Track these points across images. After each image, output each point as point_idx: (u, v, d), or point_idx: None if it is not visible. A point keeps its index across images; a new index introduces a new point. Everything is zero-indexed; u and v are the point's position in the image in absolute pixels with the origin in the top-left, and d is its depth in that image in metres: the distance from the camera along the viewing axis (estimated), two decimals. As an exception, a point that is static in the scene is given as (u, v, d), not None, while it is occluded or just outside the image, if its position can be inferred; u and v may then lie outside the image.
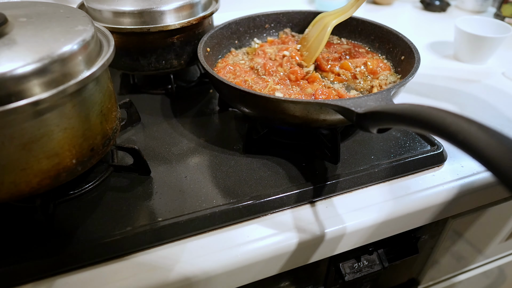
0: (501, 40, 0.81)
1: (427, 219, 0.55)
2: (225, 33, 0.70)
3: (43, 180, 0.39)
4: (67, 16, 0.43)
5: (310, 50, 0.66)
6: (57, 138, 0.38)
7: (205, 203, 0.48)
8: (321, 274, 0.60)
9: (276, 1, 1.14)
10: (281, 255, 0.46)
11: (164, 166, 0.54)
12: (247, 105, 0.52)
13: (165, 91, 0.72)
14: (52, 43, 0.37)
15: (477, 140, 0.26)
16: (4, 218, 0.46)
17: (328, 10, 0.76)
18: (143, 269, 0.42)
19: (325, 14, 0.67)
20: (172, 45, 0.65)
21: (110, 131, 0.46)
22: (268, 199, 0.49)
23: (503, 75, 0.82)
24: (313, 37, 0.66)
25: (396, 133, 0.61)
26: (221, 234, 0.47)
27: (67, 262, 0.42)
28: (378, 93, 0.44)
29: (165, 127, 0.63)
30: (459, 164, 0.58)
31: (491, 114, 0.69)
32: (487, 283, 0.90)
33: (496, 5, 1.14)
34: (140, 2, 0.60)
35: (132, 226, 0.45)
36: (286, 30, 0.76)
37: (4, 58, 0.34)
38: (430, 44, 0.96)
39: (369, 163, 0.55)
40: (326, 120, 0.49)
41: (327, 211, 0.50)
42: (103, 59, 0.41)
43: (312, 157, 0.56)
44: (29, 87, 0.34)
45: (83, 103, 0.40)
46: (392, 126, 0.38)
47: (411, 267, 0.72)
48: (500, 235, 0.76)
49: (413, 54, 0.58)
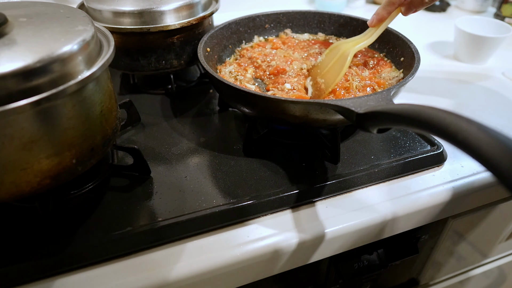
0: (501, 40, 0.82)
1: (427, 219, 0.55)
2: (225, 33, 0.69)
3: (43, 180, 0.39)
4: (67, 16, 0.43)
5: (326, 77, 0.60)
6: (57, 138, 0.38)
7: (205, 203, 0.48)
8: (321, 274, 0.60)
9: (276, 1, 1.14)
10: (281, 255, 0.46)
11: (164, 166, 0.54)
12: (247, 105, 0.52)
13: (165, 91, 0.72)
14: (52, 43, 0.37)
15: (477, 140, 0.26)
16: (4, 218, 0.46)
17: (328, 10, 0.77)
18: (143, 269, 0.42)
19: (341, 42, 0.62)
20: (172, 45, 0.65)
21: (110, 131, 0.46)
22: (268, 199, 0.49)
23: (503, 75, 0.82)
24: (329, 65, 0.61)
25: (396, 133, 0.61)
26: (221, 234, 0.47)
27: (67, 262, 0.42)
28: (378, 93, 0.44)
29: (165, 127, 0.63)
30: (459, 164, 0.58)
31: (491, 114, 0.69)
32: (487, 283, 0.90)
33: (496, 5, 1.14)
34: (140, 2, 0.60)
35: (132, 226, 0.45)
36: (287, 31, 0.76)
37: (4, 58, 0.34)
38: (430, 44, 0.96)
39: (369, 163, 0.55)
40: (326, 120, 0.49)
41: (327, 211, 0.50)
42: (103, 59, 0.41)
43: (312, 157, 0.56)
44: (29, 87, 0.34)
45: (83, 103, 0.40)
46: (392, 126, 0.38)
47: (411, 267, 0.72)
48: (500, 235, 0.76)
49: (413, 54, 0.58)
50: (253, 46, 0.72)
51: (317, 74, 0.62)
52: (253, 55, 0.68)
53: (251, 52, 0.69)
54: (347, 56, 0.59)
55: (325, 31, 0.76)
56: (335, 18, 0.75)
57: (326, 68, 0.61)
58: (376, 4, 1.22)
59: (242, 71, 0.65)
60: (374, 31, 0.60)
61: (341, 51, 0.61)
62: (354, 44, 0.60)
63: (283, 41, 0.73)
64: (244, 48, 0.72)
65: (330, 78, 0.59)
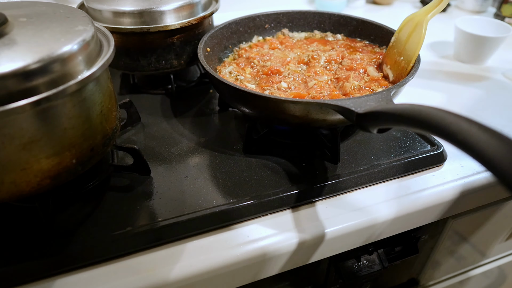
0: (501, 40, 0.81)
1: (427, 219, 0.55)
2: (225, 33, 0.69)
3: (43, 180, 0.39)
4: (67, 16, 0.43)
5: (404, 53, 0.59)
6: (57, 138, 0.38)
7: (205, 203, 0.48)
8: (321, 274, 0.60)
9: (276, 1, 1.14)
10: (281, 255, 0.46)
11: (164, 166, 0.54)
12: (247, 105, 0.52)
13: (165, 91, 0.72)
14: (52, 43, 0.37)
15: (477, 140, 0.26)
16: (4, 218, 0.46)
17: (328, 10, 0.77)
18: (143, 269, 0.42)
19: (413, 15, 0.60)
20: (172, 45, 0.65)
21: (110, 131, 0.46)
22: (268, 199, 0.49)
23: (503, 75, 0.82)
24: (405, 40, 0.60)
25: (396, 133, 0.61)
26: (221, 234, 0.47)
27: (67, 262, 0.42)
28: (378, 93, 0.44)
29: (165, 127, 0.63)
30: (459, 164, 0.58)
31: (491, 114, 0.69)
32: (487, 283, 0.90)
33: (496, 5, 1.14)
34: (140, 2, 0.60)
35: (132, 226, 0.45)
36: (284, 31, 0.76)
37: (4, 58, 0.34)
38: (430, 44, 0.96)
39: (369, 163, 0.55)
40: (326, 120, 0.49)
41: (327, 211, 0.50)
42: (103, 59, 0.41)
43: (312, 157, 0.56)
44: (29, 87, 0.34)
45: (83, 103, 0.40)
46: (392, 126, 0.38)
47: (411, 267, 0.72)
48: (500, 235, 0.76)
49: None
50: (251, 46, 0.72)
51: (395, 54, 0.61)
52: (250, 55, 0.67)
53: (249, 52, 0.69)
54: (422, 25, 0.58)
55: (325, 31, 0.76)
56: (335, 18, 0.75)
57: (403, 45, 0.60)
58: (376, 4, 1.22)
59: (240, 70, 0.65)
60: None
61: (415, 22, 0.59)
62: (427, 12, 0.58)
63: (280, 41, 0.73)
64: (243, 48, 0.72)
65: (410, 52, 0.58)
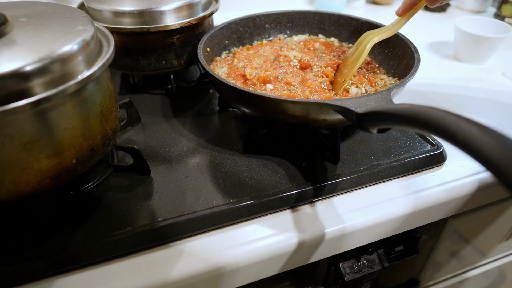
0: (501, 40, 0.82)
1: (427, 219, 0.55)
2: (225, 33, 0.69)
3: (43, 180, 0.39)
4: (67, 16, 0.43)
5: (347, 67, 0.62)
6: (57, 138, 0.39)
7: (205, 203, 0.48)
8: (321, 274, 0.60)
9: (276, 1, 1.14)
10: (281, 255, 0.46)
11: (164, 166, 0.54)
12: (247, 105, 0.52)
13: (165, 91, 0.72)
14: (52, 43, 0.37)
15: (477, 140, 0.26)
16: (4, 218, 0.46)
17: (328, 10, 0.77)
18: (143, 269, 0.42)
19: (367, 34, 0.63)
20: (172, 45, 0.65)
21: (110, 131, 0.46)
22: (268, 199, 0.49)
23: (503, 75, 0.82)
24: (352, 56, 0.62)
25: (396, 133, 0.61)
26: (221, 234, 0.47)
27: (67, 262, 0.42)
28: (378, 93, 0.44)
29: (165, 127, 0.63)
30: (459, 164, 0.58)
31: (491, 114, 0.69)
32: (487, 283, 0.90)
33: (496, 5, 1.14)
34: (140, 2, 0.60)
35: (132, 226, 0.45)
36: (280, 36, 0.76)
37: (4, 58, 0.34)
38: (430, 44, 0.96)
39: (369, 163, 0.55)
40: (326, 120, 0.49)
41: (327, 211, 0.50)
42: (103, 59, 0.41)
43: (312, 157, 0.56)
44: (29, 87, 0.34)
45: (83, 103, 0.40)
46: (392, 126, 0.38)
47: (411, 267, 0.72)
48: (500, 235, 0.76)
49: (413, 54, 0.58)
50: (248, 48, 0.72)
51: (344, 65, 0.64)
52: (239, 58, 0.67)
53: (240, 55, 0.68)
54: (366, 46, 0.60)
55: (325, 31, 0.76)
56: (335, 18, 0.75)
57: (349, 58, 0.63)
58: (376, 4, 1.22)
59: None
60: (399, 21, 0.59)
61: (364, 41, 0.61)
62: (376, 35, 0.61)
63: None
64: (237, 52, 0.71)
65: (348, 69, 0.61)
